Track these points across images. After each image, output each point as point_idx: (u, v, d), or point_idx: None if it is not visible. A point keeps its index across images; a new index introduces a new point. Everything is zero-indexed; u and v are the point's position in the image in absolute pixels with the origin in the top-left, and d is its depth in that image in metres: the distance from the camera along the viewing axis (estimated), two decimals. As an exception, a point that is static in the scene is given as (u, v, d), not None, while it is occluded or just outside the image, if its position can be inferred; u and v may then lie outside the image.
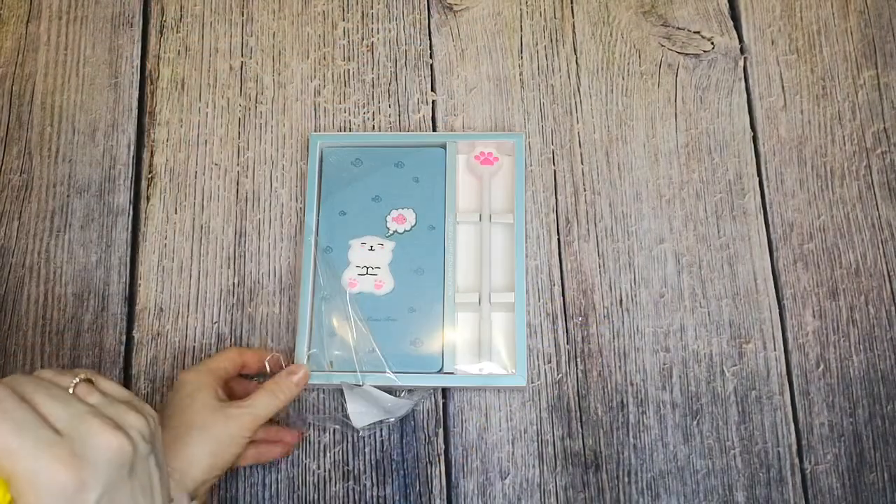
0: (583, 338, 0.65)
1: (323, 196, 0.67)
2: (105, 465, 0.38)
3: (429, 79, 0.72)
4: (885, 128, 0.70)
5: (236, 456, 0.55)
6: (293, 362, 0.62)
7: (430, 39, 0.73)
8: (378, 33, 0.73)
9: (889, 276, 0.66)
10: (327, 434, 0.63)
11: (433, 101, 0.71)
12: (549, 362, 0.65)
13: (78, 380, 0.41)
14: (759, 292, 0.66)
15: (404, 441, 0.63)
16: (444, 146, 0.68)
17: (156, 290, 0.67)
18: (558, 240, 0.67)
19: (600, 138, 0.70)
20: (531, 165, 0.69)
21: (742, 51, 0.72)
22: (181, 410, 0.54)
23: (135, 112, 0.72)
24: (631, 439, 0.63)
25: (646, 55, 0.72)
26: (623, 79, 0.72)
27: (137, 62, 0.73)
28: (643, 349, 0.65)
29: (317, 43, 0.73)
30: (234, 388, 0.61)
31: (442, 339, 0.63)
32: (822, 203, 0.68)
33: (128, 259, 0.68)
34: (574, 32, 0.73)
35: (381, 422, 0.62)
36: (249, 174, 0.70)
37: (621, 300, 0.66)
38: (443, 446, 0.63)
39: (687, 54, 0.72)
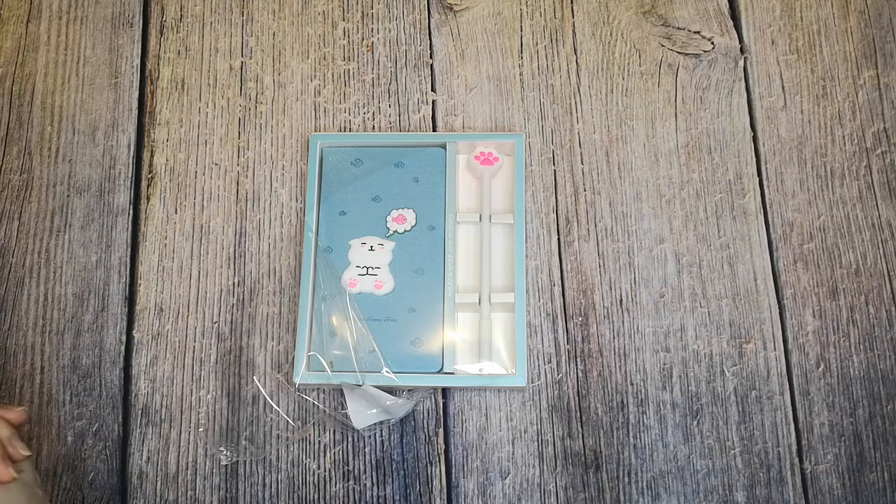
0: (583, 338, 0.65)
1: (323, 196, 0.67)
2: None
3: (429, 79, 0.72)
4: (885, 128, 0.70)
5: None
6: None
7: (430, 39, 0.73)
8: (378, 33, 0.73)
9: (889, 276, 0.66)
10: (327, 434, 0.63)
11: (433, 101, 0.71)
12: (549, 362, 0.65)
13: None
14: (759, 292, 0.66)
15: (404, 441, 0.63)
16: (444, 146, 0.68)
17: (156, 290, 0.67)
18: (558, 240, 0.67)
19: (600, 138, 0.70)
20: (531, 165, 0.69)
21: (742, 51, 0.72)
22: None
23: (135, 112, 0.72)
24: (631, 439, 0.63)
25: (646, 55, 0.72)
26: (623, 79, 0.72)
27: (137, 62, 0.73)
28: (643, 349, 0.65)
29: (317, 43, 0.73)
30: None
31: (442, 339, 0.63)
32: (822, 203, 0.68)
33: (128, 259, 0.68)
34: (574, 32, 0.73)
35: (381, 422, 0.62)
36: (249, 174, 0.70)
37: (621, 300, 0.66)
38: (443, 446, 0.63)
39: (687, 54, 0.72)
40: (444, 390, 0.64)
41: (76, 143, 0.71)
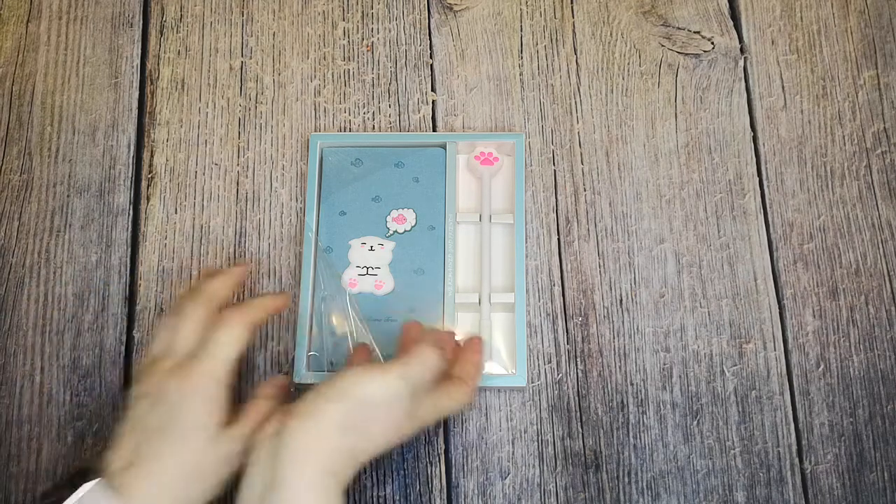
0: (583, 338, 0.65)
1: (323, 196, 0.67)
2: None
3: (429, 79, 0.72)
4: (885, 128, 0.70)
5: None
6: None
7: (430, 39, 0.73)
8: (378, 33, 0.73)
9: (889, 276, 0.66)
10: (327, 434, 0.63)
11: (433, 101, 0.71)
12: (549, 362, 0.65)
13: None
14: (759, 292, 0.66)
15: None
16: (444, 146, 0.68)
17: (156, 290, 0.67)
18: (558, 240, 0.67)
19: (600, 138, 0.70)
20: (531, 165, 0.69)
21: (742, 51, 0.72)
22: None
23: (135, 112, 0.72)
24: (631, 439, 0.63)
25: (646, 55, 0.72)
26: (623, 79, 0.72)
27: (137, 62, 0.73)
28: (643, 349, 0.65)
29: (317, 43, 0.73)
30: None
31: (442, 339, 0.63)
32: (822, 203, 0.68)
33: (128, 259, 0.68)
34: (574, 32, 0.73)
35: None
36: (249, 174, 0.70)
37: (621, 300, 0.66)
38: (443, 446, 0.63)
39: (687, 54, 0.72)
40: (444, 390, 0.64)
41: (76, 143, 0.71)
